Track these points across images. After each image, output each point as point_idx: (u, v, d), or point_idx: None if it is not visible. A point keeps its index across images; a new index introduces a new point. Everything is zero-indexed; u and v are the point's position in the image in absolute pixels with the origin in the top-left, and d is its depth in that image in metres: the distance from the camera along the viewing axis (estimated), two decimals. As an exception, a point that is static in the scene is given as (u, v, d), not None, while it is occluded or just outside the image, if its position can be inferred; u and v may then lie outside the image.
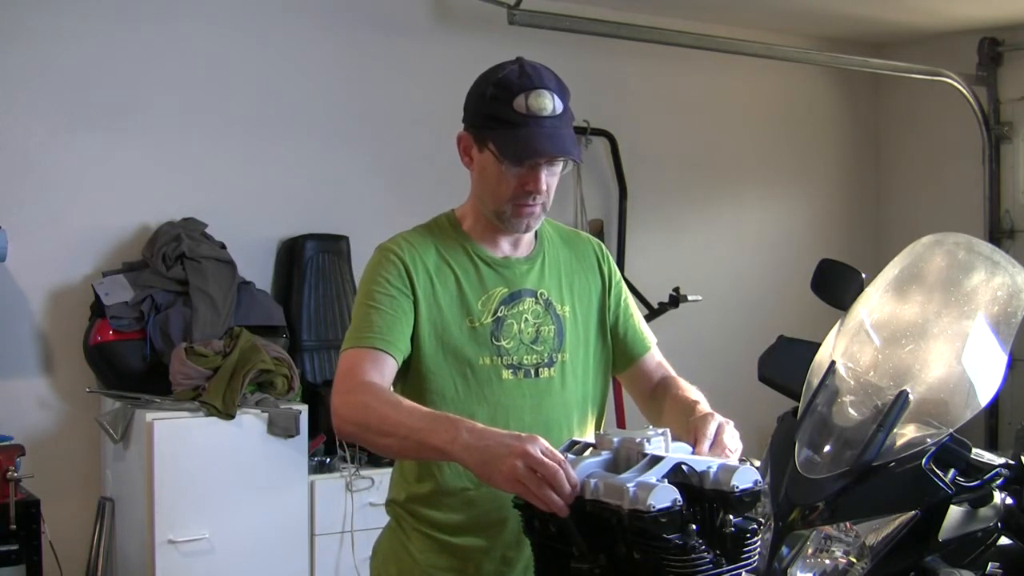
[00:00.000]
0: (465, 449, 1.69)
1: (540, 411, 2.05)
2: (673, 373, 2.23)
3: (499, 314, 2.05)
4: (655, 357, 2.25)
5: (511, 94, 1.97)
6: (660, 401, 2.17)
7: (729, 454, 1.85)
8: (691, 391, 2.12)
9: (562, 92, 2.02)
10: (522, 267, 2.10)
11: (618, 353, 2.22)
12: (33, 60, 4.03)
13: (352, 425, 1.88)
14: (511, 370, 2.04)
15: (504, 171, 1.99)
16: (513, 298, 2.07)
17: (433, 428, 1.75)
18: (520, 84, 1.98)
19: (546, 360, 2.07)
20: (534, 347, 2.06)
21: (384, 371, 1.94)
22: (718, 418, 1.90)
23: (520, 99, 1.97)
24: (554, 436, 1.99)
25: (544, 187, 2.01)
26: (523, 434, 1.67)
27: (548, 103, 1.97)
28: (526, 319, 2.06)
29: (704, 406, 2.01)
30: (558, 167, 2.03)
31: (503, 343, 2.04)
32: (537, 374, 2.05)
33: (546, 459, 1.61)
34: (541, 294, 2.09)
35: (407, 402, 1.86)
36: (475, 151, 2.04)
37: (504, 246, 2.11)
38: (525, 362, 2.05)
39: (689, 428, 1.88)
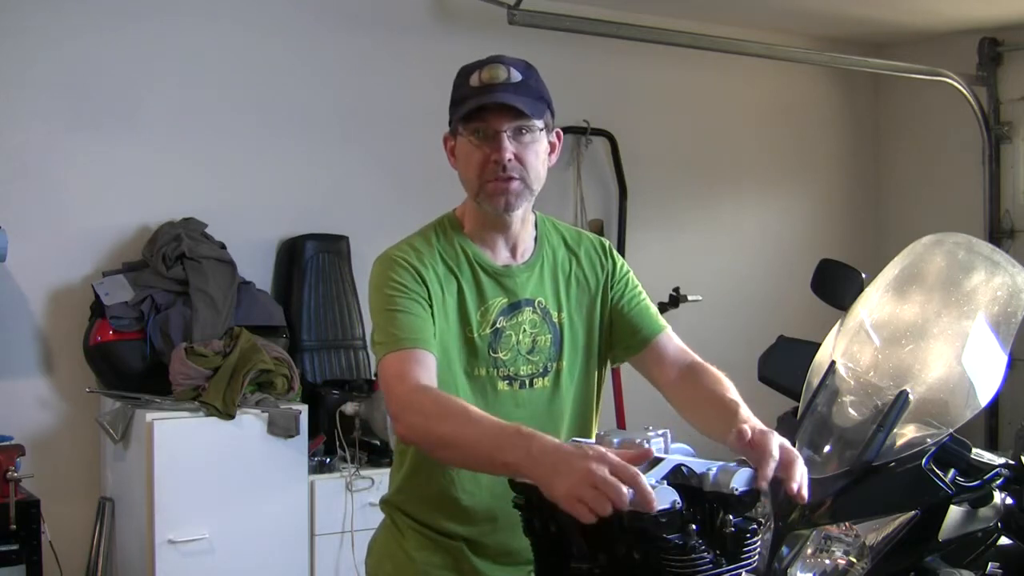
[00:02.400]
0: (533, 465, 1.62)
1: (532, 420, 2.00)
2: (700, 359, 2.13)
3: (498, 325, 2.03)
4: (673, 340, 2.16)
5: (468, 75, 2.00)
6: (691, 391, 2.06)
7: (796, 480, 1.71)
8: (728, 388, 2.02)
9: (523, 68, 2.00)
10: (522, 275, 2.07)
11: (627, 335, 2.14)
12: (33, 60, 4.03)
13: (416, 435, 1.85)
14: (507, 381, 2.03)
15: (471, 146, 1.99)
16: (512, 308, 2.05)
17: (501, 445, 1.69)
18: (477, 64, 2.01)
19: (541, 370, 2.05)
20: (530, 357, 2.04)
21: (430, 369, 1.91)
22: (776, 435, 1.76)
23: (475, 75, 1.99)
24: None
25: (508, 155, 1.96)
26: (590, 451, 1.57)
27: (501, 73, 1.97)
28: (524, 330, 2.04)
29: (745, 410, 1.91)
30: (527, 137, 1.99)
31: (500, 355, 2.02)
32: (532, 384, 2.05)
33: (610, 478, 1.52)
34: (539, 303, 2.07)
35: (472, 411, 1.79)
36: (453, 144, 2.06)
37: (503, 252, 2.08)
38: (521, 373, 2.04)
39: (736, 439, 1.75)
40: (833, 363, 2.42)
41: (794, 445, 2.34)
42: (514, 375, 2.03)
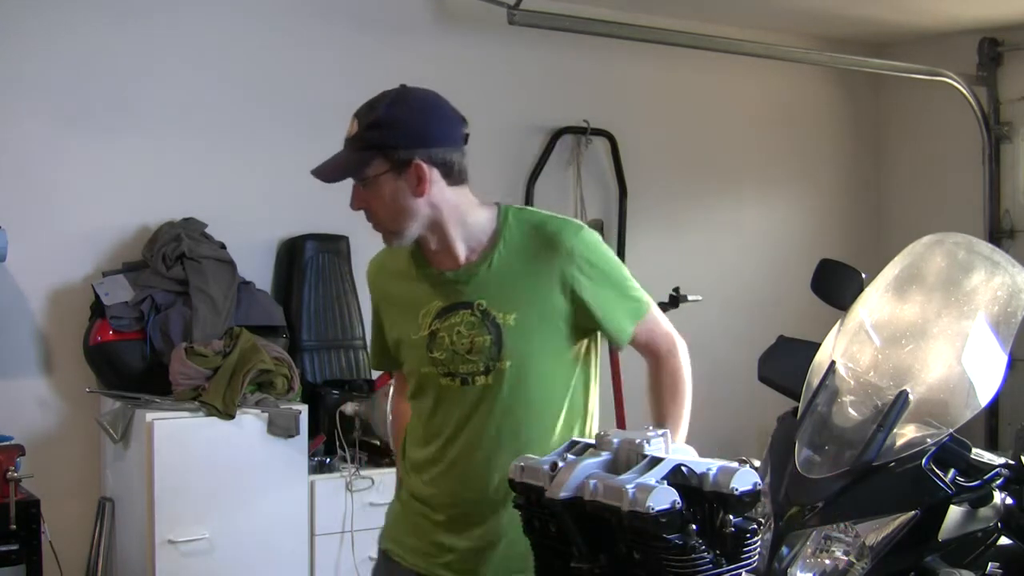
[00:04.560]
0: None
1: (473, 416, 2.11)
2: (663, 356, 2.21)
3: (433, 327, 2.12)
4: (641, 339, 2.19)
5: None
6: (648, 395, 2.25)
7: None
8: (668, 404, 2.18)
9: (368, 113, 2.09)
10: (461, 278, 2.12)
11: (599, 334, 2.21)
12: (33, 60, 4.03)
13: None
14: (448, 377, 2.12)
15: None
16: (446, 311, 2.11)
17: None
18: None
19: (482, 368, 2.09)
20: (468, 357, 2.09)
21: (398, 383, 2.39)
22: None
23: None
24: (492, 440, 2.10)
25: (355, 205, 2.13)
26: None
27: (349, 126, 2.12)
28: (459, 331, 2.09)
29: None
30: (367, 188, 2.10)
31: (436, 354, 2.11)
32: (473, 382, 2.10)
33: None
34: (478, 305, 2.10)
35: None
36: None
37: (443, 257, 2.14)
38: (461, 371, 2.10)
39: None
40: (833, 363, 2.42)
41: (794, 445, 2.35)
42: (454, 372, 2.11)
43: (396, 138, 2.06)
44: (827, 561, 2.22)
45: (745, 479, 1.67)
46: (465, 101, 5.21)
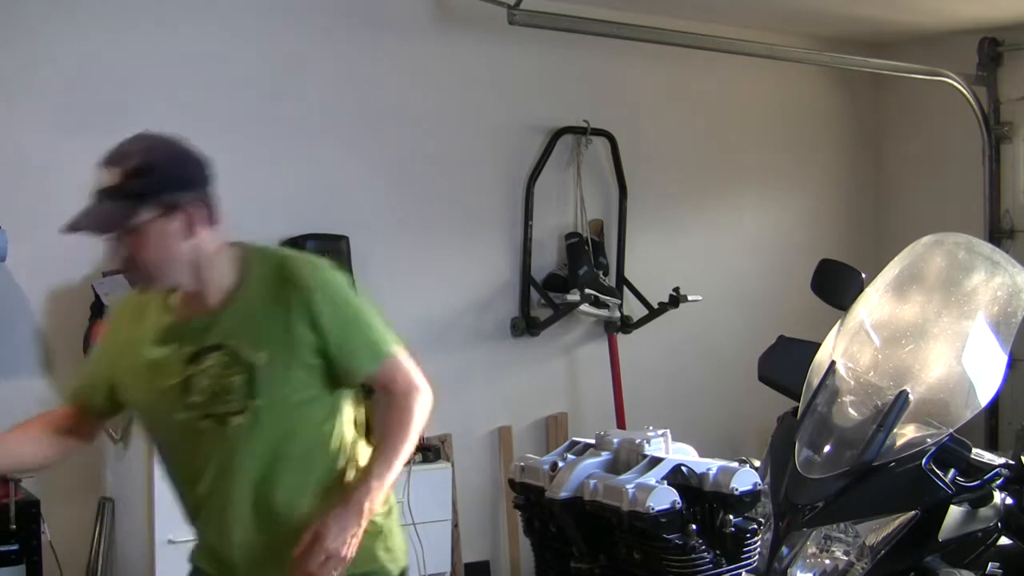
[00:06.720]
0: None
1: (231, 456, 2.11)
2: (394, 394, 2.17)
3: (187, 373, 2.09)
4: (380, 381, 2.17)
5: None
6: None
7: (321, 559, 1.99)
8: (384, 432, 2.18)
9: (124, 161, 2.12)
10: (212, 322, 2.10)
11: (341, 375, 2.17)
12: (33, 60, 4.03)
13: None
14: (207, 419, 2.09)
15: None
16: (199, 355, 2.09)
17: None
18: None
19: (237, 409, 2.08)
20: (225, 397, 2.07)
21: (56, 417, 2.48)
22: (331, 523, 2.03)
23: None
24: (242, 478, 2.11)
25: (115, 257, 2.12)
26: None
27: (99, 178, 2.12)
28: (214, 374, 2.08)
29: (359, 491, 2.09)
30: (130, 239, 2.11)
31: (194, 398, 2.08)
32: (229, 422, 2.08)
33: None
34: (230, 346, 2.08)
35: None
36: None
37: (196, 302, 2.13)
38: (218, 411, 2.08)
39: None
40: (833, 363, 2.42)
41: (794, 445, 2.35)
42: (212, 414, 2.09)
43: (163, 183, 2.10)
44: (827, 561, 2.23)
45: (745, 479, 1.67)
46: (465, 101, 5.25)
